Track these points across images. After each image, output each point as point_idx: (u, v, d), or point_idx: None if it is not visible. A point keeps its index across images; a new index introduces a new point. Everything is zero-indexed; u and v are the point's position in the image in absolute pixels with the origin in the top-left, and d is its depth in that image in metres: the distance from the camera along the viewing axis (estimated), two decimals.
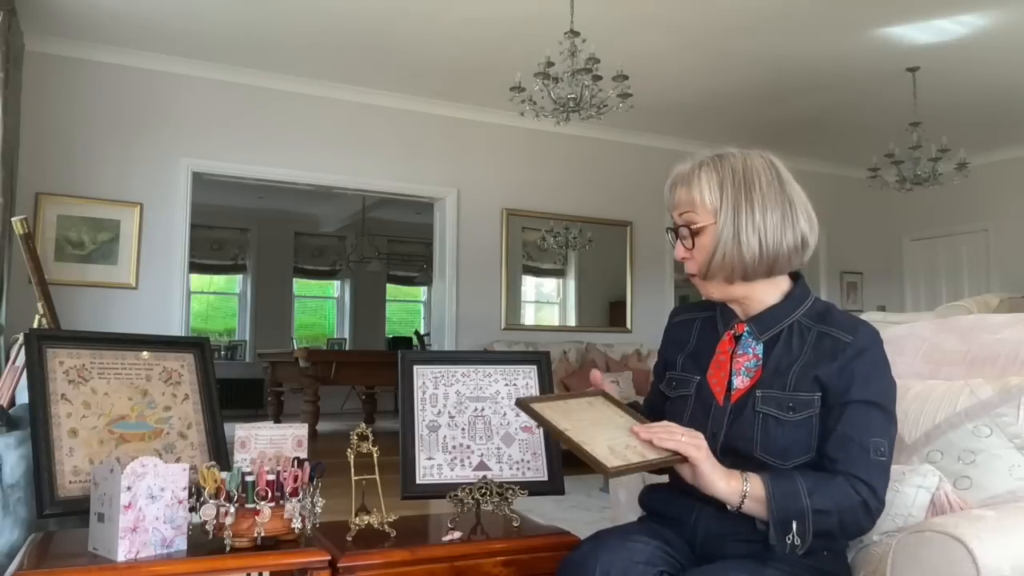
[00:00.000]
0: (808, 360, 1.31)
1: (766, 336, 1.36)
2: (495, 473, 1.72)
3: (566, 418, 1.33)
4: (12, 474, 1.93)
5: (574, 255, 7.33)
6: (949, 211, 8.16)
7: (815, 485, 1.23)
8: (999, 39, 5.26)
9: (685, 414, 1.39)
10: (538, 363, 1.87)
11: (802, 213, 1.35)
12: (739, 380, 1.35)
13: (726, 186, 1.33)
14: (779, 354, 1.34)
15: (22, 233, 2.93)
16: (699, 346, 1.45)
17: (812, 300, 1.39)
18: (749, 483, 1.23)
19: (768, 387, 1.32)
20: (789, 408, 1.29)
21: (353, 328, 11.75)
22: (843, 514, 1.22)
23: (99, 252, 5.40)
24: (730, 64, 5.75)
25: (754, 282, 1.36)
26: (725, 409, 1.34)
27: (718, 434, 1.33)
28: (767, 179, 1.34)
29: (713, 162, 1.36)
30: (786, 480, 1.23)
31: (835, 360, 1.29)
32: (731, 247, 1.31)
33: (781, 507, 1.21)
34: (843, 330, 1.32)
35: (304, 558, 1.38)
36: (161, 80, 5.68)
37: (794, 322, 1.36)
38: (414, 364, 1.81)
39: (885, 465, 1.27)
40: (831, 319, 1.35)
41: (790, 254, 1.34)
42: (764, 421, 1.30)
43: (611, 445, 1.27)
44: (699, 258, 1.36)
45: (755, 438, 1.30)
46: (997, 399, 1.51)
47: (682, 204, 1.37)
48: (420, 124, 6.55)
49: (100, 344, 1.70)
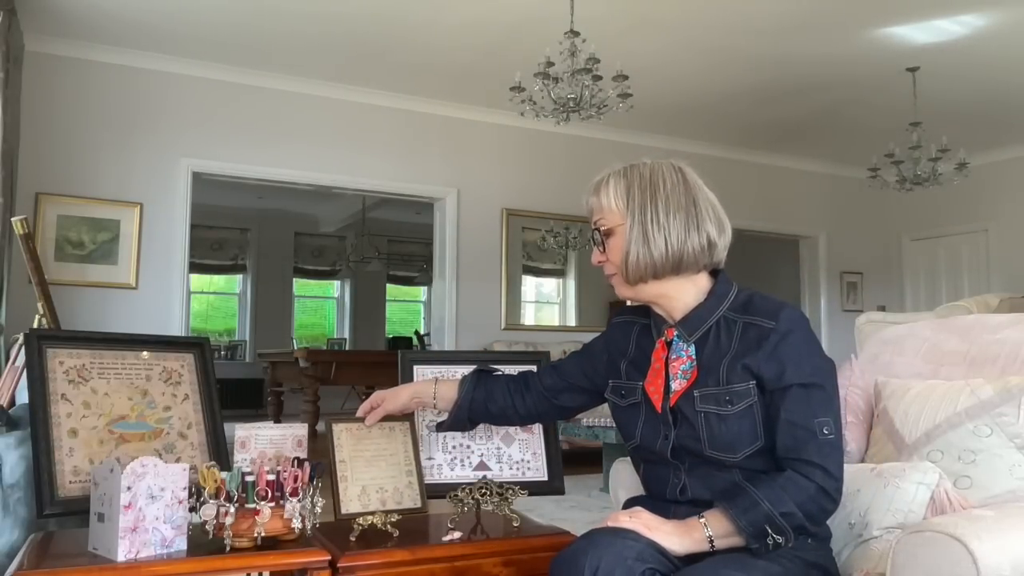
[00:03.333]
0: (737, 351, 1.35)
1: (695, 336, 1.40)
2: (495, 473, 1.72)
3: (353, 445, 1.57)
4: (12, 474, 1.93)
5: (574, 255, 7.34)
6: (949, 211, 8.15)
7: (769, 491, 1.26)
8: (999, 39, 5.26)
9: (639, 422, 1.44)
10: (538, 363, 1.87)
11: (708, 215, 1.40)
12: (676, 383, 1.39)
13: (633, 190, 1.40)
14: (710, 352, 1.38)
15: (22, 233, 2.93)
16: (637, 353, 1.49)
17: (735, 293, 1.42)
18: (709, 525, 1.27)
19: (704, 385, 1.36)
20: (727, 402, 1.33)
21: (353, 328, 11.75)
22: (803, 507, 1.25)
23: (99, 252, 5.40)
24: (730, 64, 5.75)
25: (664, 280, 1.40)
26: (665, 414, 1.39)
27: (669, 436, 1.38)
28: (672, 183, 1.40)
29: (623, 171, 1.44)
30: (742, 497, 1.27)
31: (761, 347, 1.33)
32: (641, 246, 1.38)
33: (750, 522, 1.24)
34: (765, 317, 1.36)
35: (304, 558, 1.38)
36: (161, 80, 5.68)
37: (720, 318, 1.40)
38: (414, 364, 1.82)
39: (835, 443, 1.30)
40: (753, 308, 1.38)
41: (696, 253, 1.39)
42: (707, 419, 1.34)
43: (366, 486, 1.54)
44: (614, 259, 1.43)
45: (702, 438, 1.34)
46: (997, 399, 1.51)
47: (595, 211, 1.45)
48: (420, 124, 6.55)
49: (100, 344, 1.70)
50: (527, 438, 1.78)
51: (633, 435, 1.45)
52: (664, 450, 1.38)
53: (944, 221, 8.30)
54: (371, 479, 1.55)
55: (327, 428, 1.57)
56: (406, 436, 1.63)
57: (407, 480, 1.59)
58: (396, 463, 1.59)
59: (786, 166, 8.08)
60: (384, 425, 1.62)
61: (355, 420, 1.63)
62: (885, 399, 1.71)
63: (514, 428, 1.77)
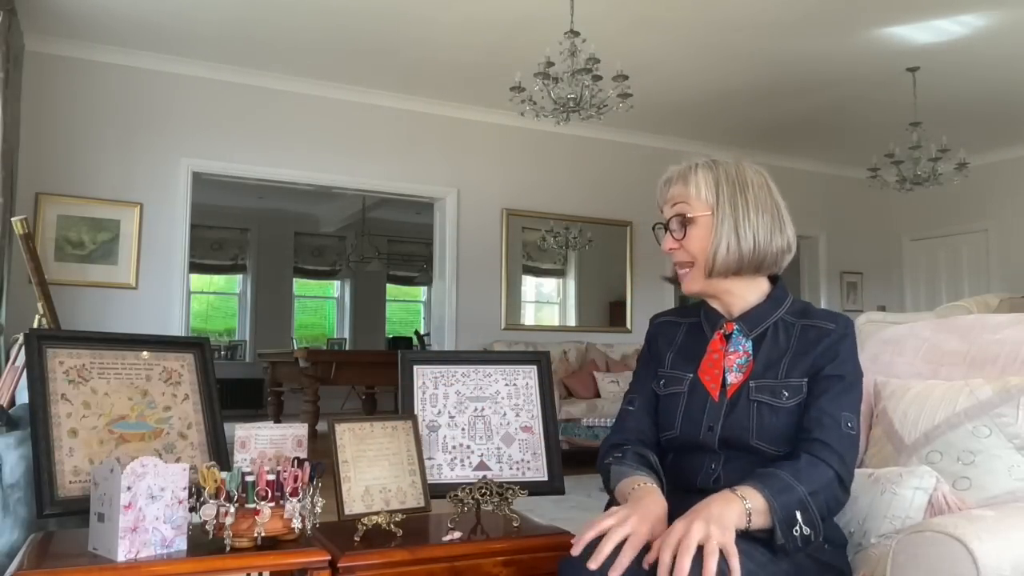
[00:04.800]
0: (797, 350, 1.39)
1: (755, 333, 1.43)
2: (495, 473, 1.72)
3: (356, 445, 1.57)
4: (12, 474, 1.93)
5: (574, 255, 7.34)
6: (949, 211, 8.16)
7: (795, 471, 1.26)
8: (999, 39, 5.26)
9: (679, 411, 1.44)
10: (538, 363, 1.87)
11: (788, 221, 1.45)
12: (732, 376, 1.41)
13: (722, 184, 1.41)
14: (768, 348, 1.41)
15: (22, 233, 2.93)
16: (687, 346, 1.49)
17: (791, 300, 1.47)
18: (748, 499, 1.21)
19: (761, 378, 1.38)
20: (783, 394, 1.36)
21: (353, 328, 11.75)
22: (825, 491, 1.26)
23: (99, 252, 5.40)
24: (730, 64, 5.75)
25: (736, 279, 1.42)
26: (721, 404, 1.40)
27: (715, 427, 1.38)
28: (758, 183, 1.43)
29: (708, 163, 1.45)
30: (772, 478, 1.25)
31: (820, 344, 1.38)
32: (732, 240, 1.39)
33: (783, 505, 1.21)
34: (825, 320, 1.42)
35: (304, 558, 1.38)
36: (161, 80, 5.68)
37: (778, 320, 1.44)
38: (414, 364, 1.81)
39: (854, 439, 1.33)
40: (812, 314, 1.44)
41: (777, 255, 1.43)
42: (759, 409, 1.36)
43: (370, 486, 1.53)
44: (692, 248, 1.42)
45: (751, 427, 1.36)
46: (997, 399, 1.51)
47: (675, 198, 1.44)
48: (420, 124, 6.55)
49: (100, 344, 1.70)
50: (527, 438, 1.78)
51: (673, 424, 1.44)
52: (709, 440, 1.38)
53: (944, 221, 8.31)
54: (374, 479, 1.56)
55: (330, 428, 1.57)
56: (408, 436, 1.64)
57: (410, 480, 1.59)
58: (399, 463, 1.60)
59: (786, 166, 8.08)
60: (387, 424, 1.63)
61: (358, 420, 1.63)
62: (884, 399, 1.71)
63: (514, 428, 1.77)
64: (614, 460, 1.43)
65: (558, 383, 6.30)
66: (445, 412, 1.77)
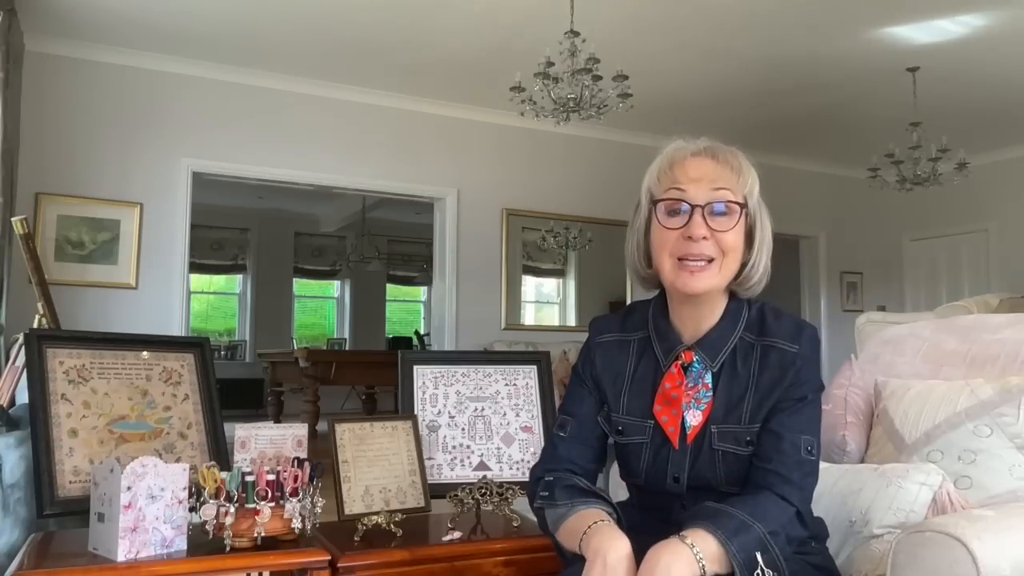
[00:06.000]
0: (759, 385, 1.25)
1: (717, 363, 1.27)
2: (495, 473, 1.72)
3: (356, 445, 1.58)
4: (12, 474, 1.93)
5: (574, 255, 7.33)
6: (949, 211, 8.15)
7: (752, 509, 1.14)
8: (999, 39, 5.26)
9: (642, 460, 1.30)
10: (538, 363, 1.88)
11: None
12: (691, 415, 1.26)
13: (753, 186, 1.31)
14: (728, 383, 1.26)
15: (22, 233, 2.93)
16: (641, 378, 1.32)
17: (746, 312, 1.30)
18: (696, 544, 1.09)
19: (723, 422, 1.25)
20: (747, 443, 1.23)
21: (353, 328, 11.75)
22: (786, 529, 1.16)
23: (99, 252, 5.40)
24: (730, 64, 5.75)
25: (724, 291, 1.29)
26: (683, 452, 1.26)
27: (680, 477, 1.26)
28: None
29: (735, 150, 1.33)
30: (725, 517, 1.13)
31: (785, 376, 1.24)
32: (766, 253, 1.28)
33: (741, 546, 1.10)
34: (787, 339, 1.26)
35: (304, 558, 1.38)
36: (161, 80, 5.68)
37: (737, 342, 1.28)
38: (414, 364, 1.82)
39: (814, 465, 1.22)
40: (768, 328, 1.28)
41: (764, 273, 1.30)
42: (724, 457, 1.24)
43: (370, 486, 1.55)
44: (726, 243, 1.24)
45: (718, 475, 1.25)
46: (997, 399, 1.51)
47: (719, 180, 1.26)
48: (420, 124, 6.55)
49: (100, 344, 1.70)
50: (527, 438, 1.78)
51: (637, 473, 1.31)
52: (676, 490, 1.26)
53: (944, 221, 8.30)
54: (374, 479, 1.56)
55: (330, 428, 1.58)
56: (408, 436, 1.64)
57: (410, 480, 1.60)
58: (399, 463, 1.60)
59: (786, 166, 8.07)
60: (387, 424, 1.63)
61: (358, 420, 1.63)
62: (885, 399, 1.71)
63: (514, 428, 1.77)
64: (544, 503, 1.28)
65: (558, 383, 6.30)
66: (445, 412, 1.77)
